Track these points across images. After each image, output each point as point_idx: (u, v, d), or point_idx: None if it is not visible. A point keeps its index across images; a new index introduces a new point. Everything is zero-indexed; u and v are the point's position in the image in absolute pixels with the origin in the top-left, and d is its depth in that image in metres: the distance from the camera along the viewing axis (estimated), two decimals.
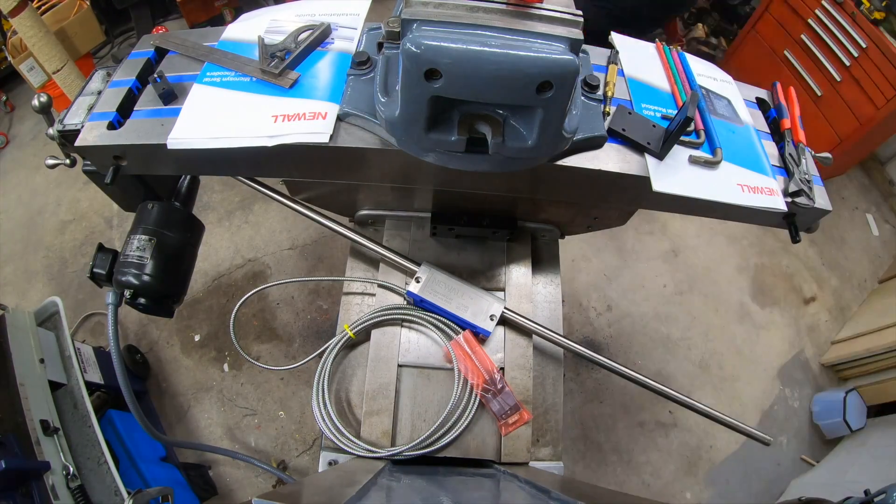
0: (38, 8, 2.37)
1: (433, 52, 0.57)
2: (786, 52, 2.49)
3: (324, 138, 0.74)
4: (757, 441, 0.95)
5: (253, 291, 0.99)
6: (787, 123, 0.93)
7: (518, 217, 1.06)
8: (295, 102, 0.79)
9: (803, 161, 0.87)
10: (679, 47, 1.00)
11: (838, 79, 2.29)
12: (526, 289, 1.01)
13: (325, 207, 1.05)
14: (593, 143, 0.81)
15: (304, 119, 0.76)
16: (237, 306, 0.97)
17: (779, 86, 0.99)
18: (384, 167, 0.83)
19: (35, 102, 0.84)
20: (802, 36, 2.39)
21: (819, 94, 2.39)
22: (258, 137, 0.75)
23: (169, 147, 0.76)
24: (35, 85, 2.45)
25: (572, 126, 0.74)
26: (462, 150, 0.69)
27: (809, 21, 2.35)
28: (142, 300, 0.87)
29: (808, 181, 0.85)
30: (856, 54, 2.18)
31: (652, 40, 1.01)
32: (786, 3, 2.44)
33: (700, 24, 3.16)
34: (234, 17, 0.97)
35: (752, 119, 0.94)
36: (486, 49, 0.57)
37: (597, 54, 0.94)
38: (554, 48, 0.61)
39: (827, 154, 0.94)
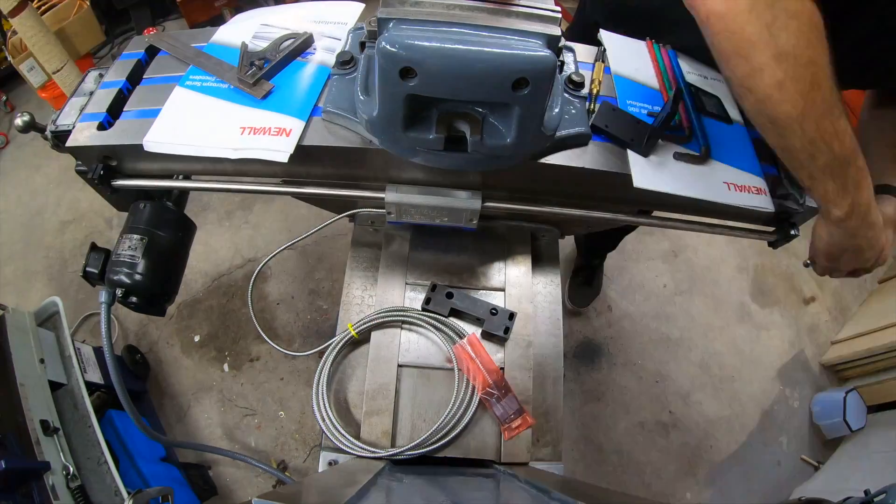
0: (38, 8, 2.37)
1: (406, 49, 0.57)
2: None
3: (283, 157, 0.73)
4: (762, 239, 0.92)
5: (279, 250, 0.98)
6: None
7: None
8: (263, 115, 0.78)
9: None
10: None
11: None
12: (526, 289, 1.01)
13: (323, 207, 1.05)
14: (577, 141, 0.81)
15: (268, 134, 0.76)
16: (256, 270, 0.97)
17: None
18: (366, 166, 0.84)
19: (18, 122, 0.83)
20: None
21: None
22: (224, 149, 0.75)
23: (145, 148, 0.77)
24: (35, 85, 2.45)
25: (552, 123, 0.75)
26: (440, 148, 0.69)
27: None
28: (134, 299, 0.87)
29: (800, 186, 0.85)
30: None
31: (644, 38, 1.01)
32: None
33: None
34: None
35: (742, 117, 0.94)
36: (460, 47, 0.57)
37: (584, 52, 0.95)
38: (530, 45, 0.61)
39: None
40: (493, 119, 0.68)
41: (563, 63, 0.88)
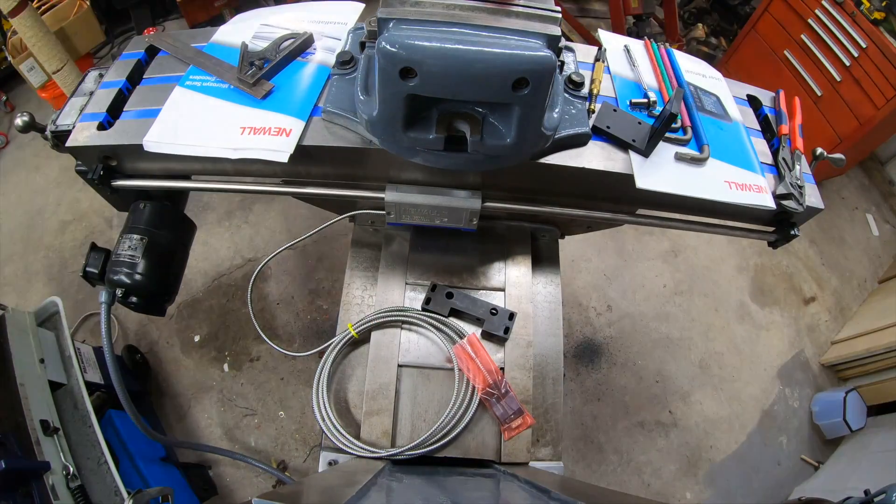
0: (38, 8, 2.37)
1: (407, 49, 0.57)
2: (786, 53, 2.49)
3: (283, 157, 0.74)
4: (762, 239, 0.94)
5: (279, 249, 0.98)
6: (785, 129, 0.93)
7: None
8: (263, 115, 0.79)
9: (797, 167, 0.87)
10: (678, 47, 1.00)
11: (838, 79, 2.29)
12: (526, 289, 1.01)
13: (323, 207, 1.05)
14: (577, 141, 0.81)
15: (268, 134, 0.76)
16: (256, 270, 0.97)
17: (782, 94, 0.99)
18: (366, 166, 0.84)
19: (18, 122, 0.84)
20: (802, 36, 2.39)
21: (819, 94, 2.39)
22: (224, 149, 0.75)
23: (145, 148, 0.77)
24: (35, 85, 2.45)
25: (552, 123, 0.75)
26: (441, 148, 0.70)
27: (809, 21, 2.35)
28: (134, 299, 0.88)
29: (800, 186, 0.85)
30: (856, 54, 2.18)
31: (642, 38, 1.01)
32: (786, 3, 2.44)
33: (700, 24, 3.16)
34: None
35: (741, 116, 0.94)
36: (460, 47, 0.57)
37: (584, 52, 0.95)
38: (530, 45, 0.61)
39: (840, 155, 0.93)
40: (493, 119, 0.68)
41: (563, 63, 0.88)
